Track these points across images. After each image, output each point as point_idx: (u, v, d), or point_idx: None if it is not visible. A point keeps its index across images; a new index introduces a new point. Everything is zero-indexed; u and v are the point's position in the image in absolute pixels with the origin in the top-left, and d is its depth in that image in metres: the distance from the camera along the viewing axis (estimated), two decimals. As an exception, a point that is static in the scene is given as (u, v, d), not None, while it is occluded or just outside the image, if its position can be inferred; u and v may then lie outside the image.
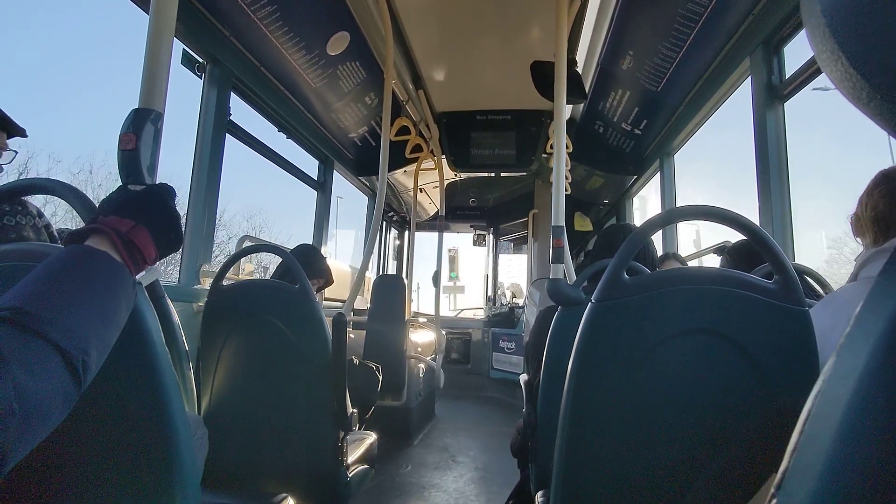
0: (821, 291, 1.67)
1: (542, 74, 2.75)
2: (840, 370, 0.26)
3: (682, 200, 3.36)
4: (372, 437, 2.11)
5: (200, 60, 2.33)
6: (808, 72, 1.88)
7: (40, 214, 1.07)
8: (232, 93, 2.50)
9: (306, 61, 2.78)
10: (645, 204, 4.54)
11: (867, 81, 0.23)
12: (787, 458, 0.29)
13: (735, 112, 2.67)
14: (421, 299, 6.67)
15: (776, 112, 2.07)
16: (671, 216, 1.08)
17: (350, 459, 1.79)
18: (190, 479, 0.81)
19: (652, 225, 1.04)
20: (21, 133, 1.21)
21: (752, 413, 0.86)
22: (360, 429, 2.02)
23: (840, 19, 0.23)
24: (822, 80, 1.90)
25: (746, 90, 2.25)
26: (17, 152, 1.22)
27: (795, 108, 2.06)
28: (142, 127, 0.75)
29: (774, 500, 0.29)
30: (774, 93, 2.06)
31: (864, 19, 0.22)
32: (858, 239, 1.14)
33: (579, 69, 3.01)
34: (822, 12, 0.24)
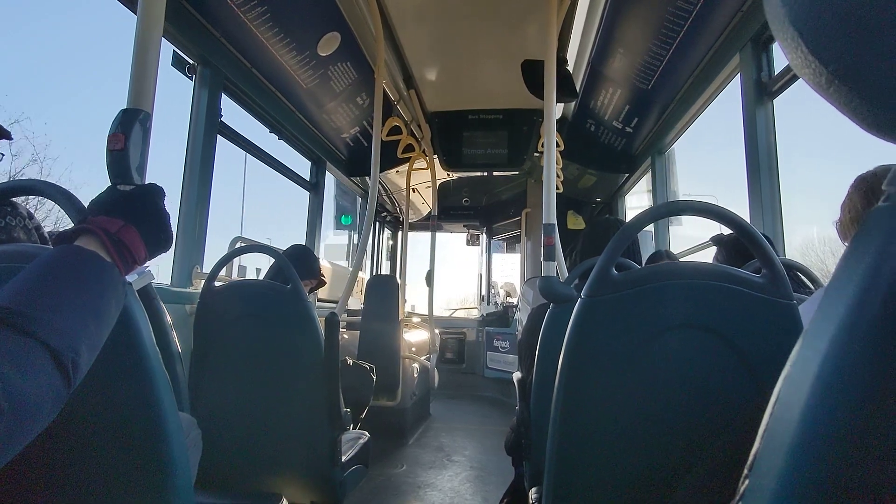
0: (811, 286, 1.68)
1: (532, 73, 2.76)
2: (805, 354, 0.27)
3: (674, 199, 3.37)
4: (366, 437, 2.11)
5: (191, 62, 2.32)
6: (797, 69, 1.89)
7: (30, 216, 1.07)
8: (223, 94, 2.50)
9: (297, 62, 2.78)
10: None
11: (825, 67, 0.24)
12: (758, 440, 0.29)
13: (726, 109, 2.69)
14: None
15: (766, 108, 2.09)
16: (660, 212, 1.09)
17: (344, 459, 1.79)
18: (182, 479, 0.81)
19: (641, 221, 1.04)
20: (7, 135, 1.20)
21: (741, 406, 0.87)
22: (354, 428, 2.02)
23: (798, 8, 0.24)
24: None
25: (736, 87, 2.26)
26: (3, 154, 1.21)
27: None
28: (130, 127, 0.75)
29: (747, 482, 0.30)
30: (764, 89, 2.08)
31: (819, 7, 0.23)
32: (846, 243, 1.17)
33: (570, 68, 3.02)
34: (782, 1, 0.24)
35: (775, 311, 0.90)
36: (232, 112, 2.61)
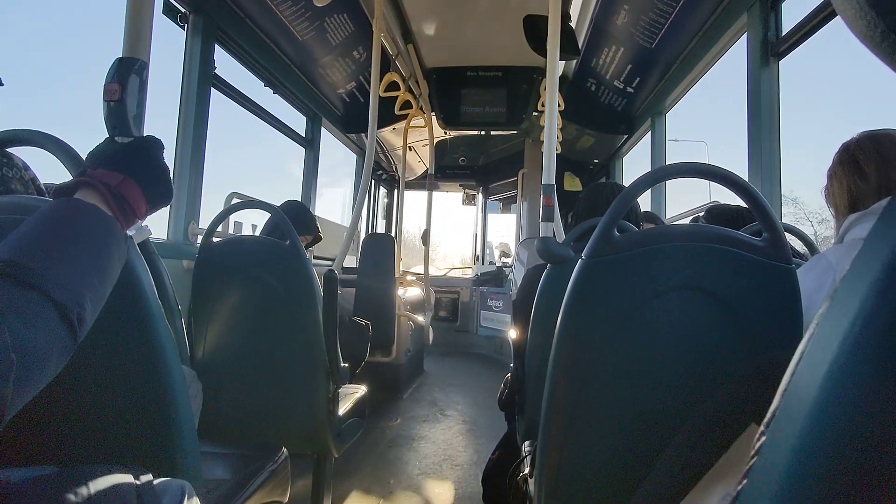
0: (806, 252, 1.70)
1: (534, 29, 2.68)
2: (834, 312, 0.26)
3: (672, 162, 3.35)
4: (363, 390, 2.15)
5: (183, 10, 2.24)
6: (805, 28, 1.85)
7: (26, 167, 1.04)
8: (216, 45, 2.43)
9: (292, 12, 2.69)
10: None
11: (882, 19, 0.23)
12: (777, 397, 0.29)
13: (729, 72, 2.65)
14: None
15: (771, 69, 2.05)
16: (661, 174, 1.08)
17: (341, 411, 1.83)
18: (186, 428, 0.83)
19: (641, 183, 1.03)
20: None
21: (733, 367, 0.88)
22: (350, 383, 2.06)
23: None
24: (818, 36, 1.88)
25: (741, 48, 2.22)
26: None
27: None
28: (127, 77, 0.73)
29: (763, 438, 0.30)
30: (770, 49, 2.04)
31: None
32: (832, 210, 1.17)
33: (573, 24, 2.94)
34: None
35: (774, 274, 0.91)
36: (226, 66, 2.54)
